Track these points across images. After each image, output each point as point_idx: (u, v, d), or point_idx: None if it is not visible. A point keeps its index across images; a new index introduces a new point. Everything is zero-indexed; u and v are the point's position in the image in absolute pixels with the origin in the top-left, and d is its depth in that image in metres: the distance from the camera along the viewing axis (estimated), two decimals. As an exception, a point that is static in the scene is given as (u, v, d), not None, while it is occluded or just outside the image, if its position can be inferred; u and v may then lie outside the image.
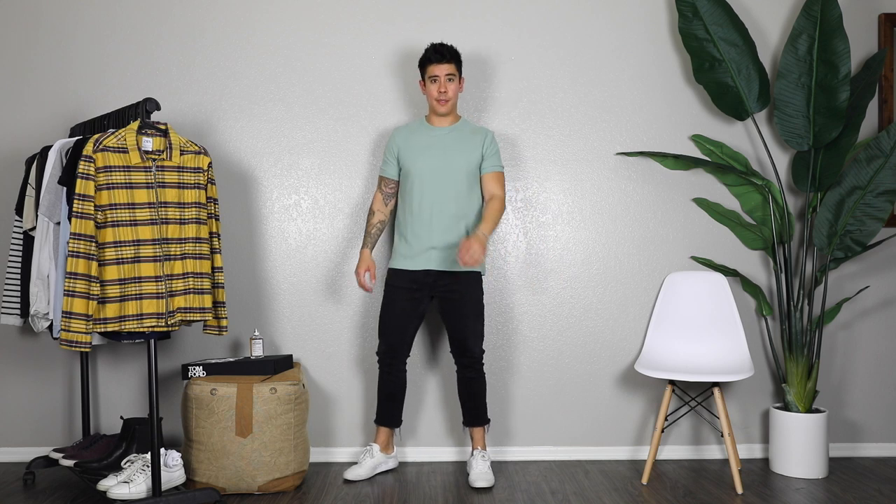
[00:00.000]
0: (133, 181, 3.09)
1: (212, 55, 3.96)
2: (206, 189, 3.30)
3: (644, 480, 3.61)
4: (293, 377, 3.60)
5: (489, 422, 3.72)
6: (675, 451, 4.00)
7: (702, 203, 3.98)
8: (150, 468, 3.19)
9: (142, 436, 3.52)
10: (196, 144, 3.31)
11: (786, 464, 3.72)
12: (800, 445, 3.69)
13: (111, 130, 3.20)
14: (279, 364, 3.65)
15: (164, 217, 3.15)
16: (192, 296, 3.21)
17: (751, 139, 3.99)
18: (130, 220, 3.07)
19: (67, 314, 2.95)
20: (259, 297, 3.98)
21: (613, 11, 3.98)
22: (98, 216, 3.03)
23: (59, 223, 3.25)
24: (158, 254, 3.12)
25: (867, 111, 3.96)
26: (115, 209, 3.05)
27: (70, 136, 3.74)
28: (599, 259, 4.00)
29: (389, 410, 3.71)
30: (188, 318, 3.20)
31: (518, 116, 3.97)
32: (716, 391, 3.57)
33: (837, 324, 4.02)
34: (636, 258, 4.00)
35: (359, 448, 3.98)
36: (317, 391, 3.99)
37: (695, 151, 3.99)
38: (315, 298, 3.97)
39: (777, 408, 3.81)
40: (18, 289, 3.58)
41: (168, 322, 3.13)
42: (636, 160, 3.99)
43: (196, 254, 3.23)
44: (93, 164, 3.02)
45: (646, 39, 3.99)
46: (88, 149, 3.02)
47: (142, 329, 3.09)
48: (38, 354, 3.99)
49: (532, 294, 3.98)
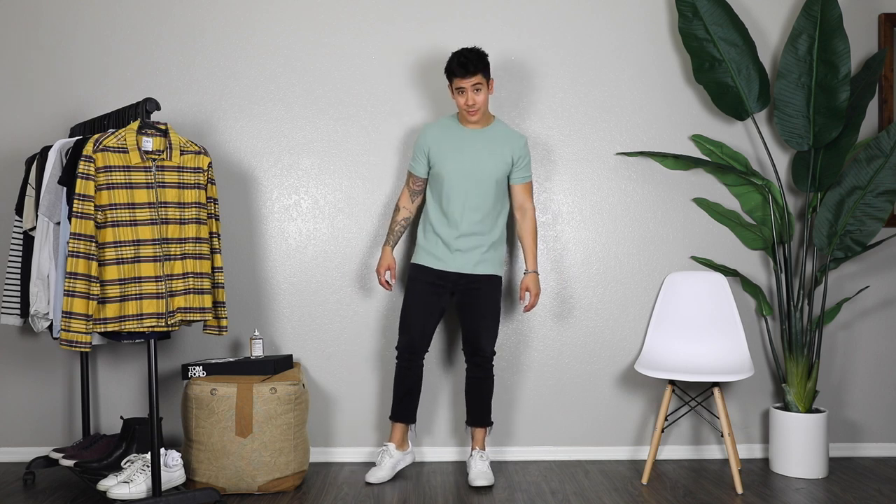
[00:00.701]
0: (133, 181, 3.09)
1: (212, 55, 3.96)
2: (206, 189, 3.30)
3: (644, 480, 3.61)
4: (293, 377, 3.60)
5: (492, 424, 3.72)
6: (675, 451, 4.00)
7: (702, 203, 3.98)
8: (150, 468, 3.19)
9: (142, 436, 3.52)
10: (196, 144, 3.31)
11: (786, 464, 3.72)
12: (800, 445, 3.69)
13: (111, 130, 3.20)
14: (279, 364, 3.65)
15: (164, 217, 3.15)
16: (192, 296, 3.21)
17: (751, 139, 3.99)
18: (130, 220, 3.07)
19: (67, 314, 2.95)
20: (259, 297, 3.98)
21: (613, 11, 3.98)
22: (98, 216, 3.03)
23: (59, 223, 3.25)
24: (158, 254, 3.12)
25: (867, 111, 3.96)
26: (115, 209, 3.05)
27: (70, 136, 3.74)
28: (599, 259, 4.00)
29: (406, 406, 3.69)
30: (188, 318, 3.20)
31: (518, 116, 3.97)
32: (716, 391, 3.57)
33: (837, 324, 4.02)
34: (636, 258, 4.00)
35: (359, 448, 3.98)
36: (317, 391, 3.99)
37: (695, 151, 3.99)
38: (315, 298, 3.97)
39: (777, 408, 3.81)
40: (18, 289, 3.58)
41: (168, 322, 3.13)
42: (636, 160, 3.99)
43: (196, 254, 3.23)
44: (93, 164, 3.02)
45: (646, 39, 3.99)
46: (88, 149, 3.02)
47: (142, 329, 3.09)
48: (38, 354, 3.98)
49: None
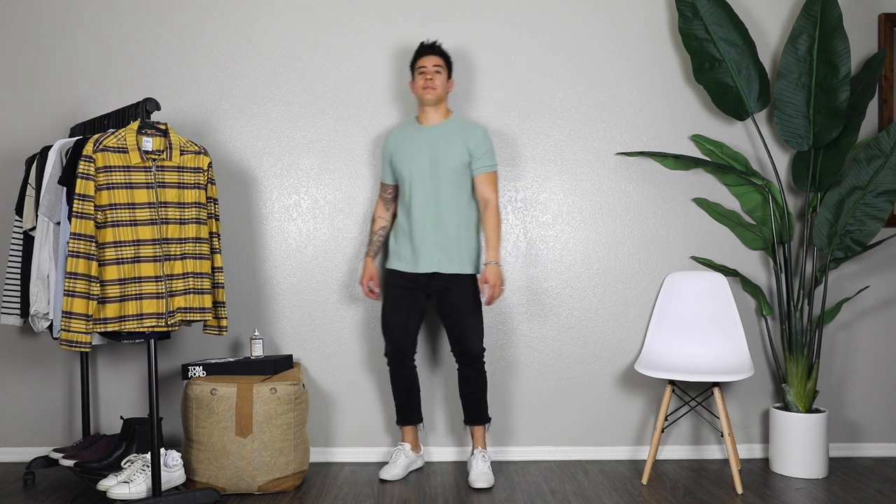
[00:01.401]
0: (133, 181, 3.09)
1: (212, 55, 3.96)
2: (206, 189, 3.30)
3: (644, 480, 3.61)
4: (293, 377, 3.60)
5: (490, 420, 3.72)
6: (675, 451, 4.00)
7: (702, 203, 3.98)
8: (150, 468, 3.19)
9: (142, 436, 3.52)
10: (196, 144, 3.31)
11: (786, 464, 3.72)
12: (800, 445, 3.69)
13: (111, 130, 3.20)
14: (279, 364, 3.65)
15: (164, 217, 3.15)
16: (192, 296, 3.21)
17: (751, 139, 3.99)
18: (130, 220, 3.07)
19: (67, 314, 2.95)
20: (259, 297, 3.98)
21: (613, 11, 3.98)
22: (98, 216, 3.03)
23: (59, 223, 3.25)
24: (158, 254, 3.12)
25: (867, 111, 3.96)
26: (115, 209, 3.05)
27: (70, 136, 3.74)
28: (599, 259, 4.00)
29: (409, 409, 3.73)
30: (188, 318, 3.20)
31: (518, 116, 3.97)
32: (716, 391, 3.57)
33: (837, 324, 4.02)
34: (636, 258, 4.00)
35: (359, 448, 3.98)
36: (317, 391, 3.99)
37: (695, 151, 3.99)
38: (315, 298, 3.97)
39: (777, 408, 3.81)
40: (18, 289, 3.58)
41: (168, 322, 3.13)
42: (636, 160, 3.99)
43: (196, 254, 3.23)
44: (93, 164, 3.02)
45: (646, 39, 3.99)
46: (88, 149, 3.02)
47: (142, 329, 3.09)
48: (38, 354, 3.98)
49: (532, 294, 3.98)
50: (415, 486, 3.58)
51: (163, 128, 3.18)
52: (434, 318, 3.98)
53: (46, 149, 3.49)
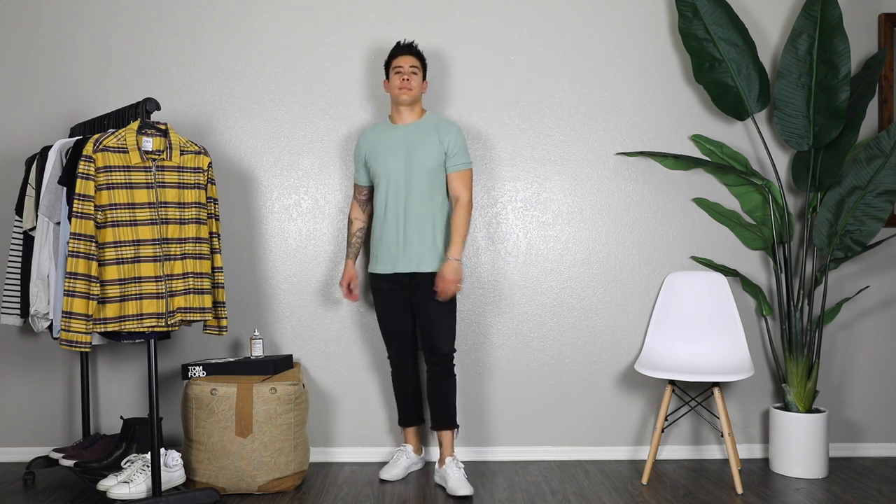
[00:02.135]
0: (133, 181, 3.09)
1: (212, 55, 3.96)
2: (206, 189, 3.30)
3: (644, 480, 3.61)
4: (293, 377, 3.60)
5: (458, 427, 3.64)
6: (675, 451, 4.00)
7: (702, 203, 3.98)
8: (150, 468, 3.19)
9: (142, 436, 3.52)
10: (196, 144, 3.31)
11: (786, 464, 3.72)
12: (800, 445, 3.69)
13: (111, 130, 3.20)
14: (279, 364, 3.65)
15: (164, 217, 3.15)
16: (192, 296, 3.21)
17: (751, 139, 3.99)
18: (130, 220, 3.07)
19: (67, 314, 2.95)
20: (259, 297, 3.98)
21: (613, 11, 3.98)
22: (98, 216, 3.03)
23: (59, 223, 3.25)
24: (158, 254, 3.12)
25: (867, 111, 3.96)
26: (115, 209, 3.05)
27: (70, 136, 3.74)
28: (599, 259, 4.00)
29: (411, 410, 3.72)
30: (188, 318, 3.20)
31: (518, 116, 3.97)
32: (716, 391, 3.57)
33: (837, 324, 4.02)
34: (636, 258, 4.00)
35: (359, 448, 3.98)
36: (317, 391, 3.99)
37: (695, 151, 3.99)
38: (315, 298, 3.97)
39: (777, 408, 3.81)
40: (18, 289, 3.58)
41: (168, 322, 3.13)
42: (636, 160, 3.99)
43: (196, 254, 3.23)
44: (93, 164, 3.02)
45: (646, 39, 3.99)
46: (88, 149, 3.03)
47: (142, 329, 3.09)
48: (38, 354, 3.99)
49: (532, 294, 3.98)
50: (415, 486, 3.58)
51: (163, 128, 3.18)
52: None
53: (46, 149, 3.49)
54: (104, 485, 3.22)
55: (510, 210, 3.98)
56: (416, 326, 3.66)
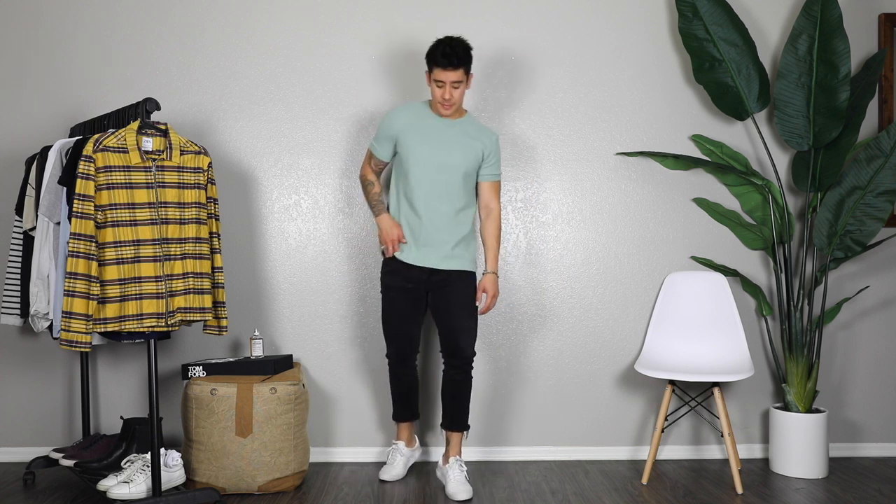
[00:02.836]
0: (133, 181, 3.09)
1: (212, 55, 3.96)
2: (206, 189, 3.30)
3: (644, 480, 3.61)
4: (293, 377, 3.60)
5: (469, 428, 3.63)
6: (675, 451, 4.00)
7: (702, 203, 3.98)
8: (150, 468, 3.19)
9: (142, 436, 3.52)
10: (196, 144, 3.31)
11: (786, 464, 3.72)
12: (800, 445, 3.69)
13: (111, 130, 3.20)
14: (279, 364, 3.65)
15: (164, 217, 3.15)
16: (192, 296, 3.21)
17: (751, 139, 3.99)
18: (130, 220, 3.07)
19: (67, 314, 2.95)
20: (259, 297, 3.98)
21: (613, 11, 3.98)
22: (98, 216, 3.03)
23: (59, 223, 3.25)
24: (158, 254, 3.12)
25: (867, 111, 3.96)
26: (115, 209, 3.05)
27: (70, 136, 3.74)
28: (599, 259, 4.00)
29: (406, 406, 3.68)
30: (188, 318, 3.20)
31: (518, 116, 3.97)
32: (716, 391, 3.57)
33: (837, 324, 4.02)
34: (636, 258, 4.00)
35: (359, 448, 3.98)
36: (317, 391, 3.99)
37: (695, 151, 3.99)
38: (315, 298, 3.97)
39: (777, 408, 3.81)
40: (18, 289, 3.58)
41: (168, 322, 3.13)
42: (636, 160, 3.99)
43: (196, 254, 3.23)
44: (93, 164, 3.02)
45: (646, 39, 3.99)
46: (88, 149, 3.03)
47: (142, 329, 3.09)
48: (38, 354, 3.99)
49: (532, 294, 3.98)
50: (415, 486, 3.58)
51: (163, 128, 3.18)
52: (428, 318, 3.98)
53: (46, 149, 3.49)
54: (104, 485, 3.22)
55: (510, 210, 3.98)
56: (436, 326, 3.60)
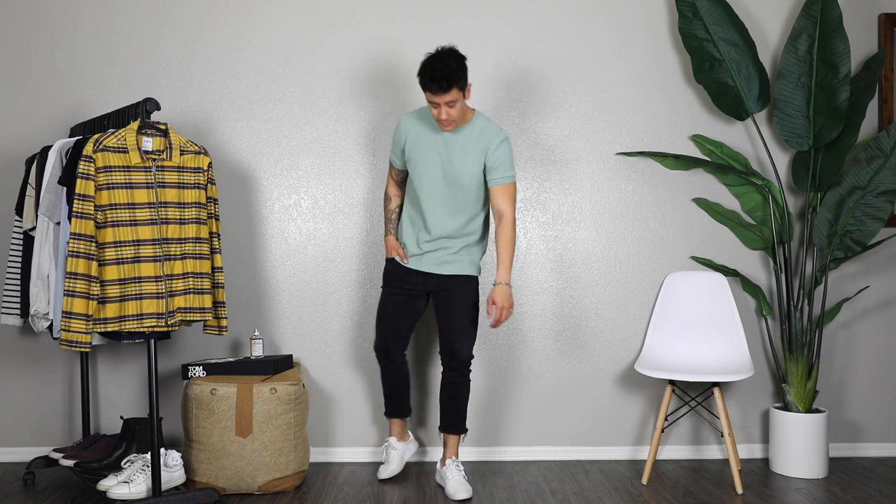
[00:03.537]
0: (133, 181, 3.09)
1: (212, 55, 3.96)
2: (206, 189, 3.30)
3: (644, 480, 3.61)
4: (293, 377, 3.60)
5: (467, 431, 3.62)
6: (675, 451, 4.00)
7: (702, 203, 3.98)
8: (150, 468, 3.19)
9: (142, 436, 3.52)
10: (196, 144, 3.31)
11: (786, 464, 3.72)
12: (800, 445, 3.69)
13: (111, 130, 3.21)
14: (279, 364, 3.65)
15: (164, 217, 3.15)
16: (192, 296, 3.21)
17: (751, 139, 3.99)
18: (130, 220, 3.07)
19: (67, 314, 2.95)
20: (259, 297, 3.98)
21: (613, 11, 3.98)
22: (98, 216, 3.03)
23: (59, 223, 3.25)
24: (158, 254, 3.12)
25: (867, 111, 3.96)
26: (115, 209, 3.05)
27: (70, 136, 3.74)
28: (599, 259, 4.00)
29: (396, 402, 3.67)
30: (188, 318, 3.20)
31: (518, 116, 3.97)
32: (716, 391, 3.57)
33: (837, 324, 4.02)
34: (636, 258, 4.00)
35: (359, 448, 3.98)
36: (317, 391, 3.99)
37: (695, 151, 3.99)
38: (315, 298, 3.97)
39: (777, 408, 3.81)
40: (18, 289, 3.58)
41: (168, 322, 3.13)
42: (636, 160, 3.99)
43: (196, 254, 3.23)
44: (93, 164, 3.02)
45: (646, 39, 3.99)
46: (88, 149, 3.03)
47: (142, 329, 3.09)
48: (38, 354, 3.99)
49: (532, 294, 3.98)
50: (415, 486, 3.58)
51: (163, 128, 3.18)
52: (428, 320, 3.98)
53: (46, 149, 3.49)
54: (104, 485, 3.22)
55: (510, 210, 3.97)
56: (437, 328, 3.60)
